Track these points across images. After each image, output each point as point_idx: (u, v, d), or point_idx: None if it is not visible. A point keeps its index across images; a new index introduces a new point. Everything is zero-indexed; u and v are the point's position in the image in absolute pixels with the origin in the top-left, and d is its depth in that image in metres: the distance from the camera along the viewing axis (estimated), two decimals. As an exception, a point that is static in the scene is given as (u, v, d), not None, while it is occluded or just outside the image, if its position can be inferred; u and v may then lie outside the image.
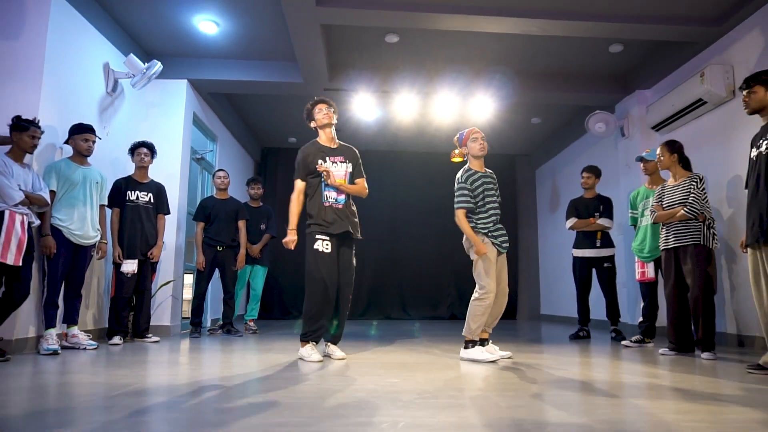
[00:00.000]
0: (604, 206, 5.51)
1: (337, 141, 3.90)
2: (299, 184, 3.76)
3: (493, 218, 3.79)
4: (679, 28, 4.84)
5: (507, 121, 7.66)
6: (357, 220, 3.90)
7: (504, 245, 3.81)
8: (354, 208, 3.91)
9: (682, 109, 5.22)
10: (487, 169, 3.94)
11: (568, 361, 3.67)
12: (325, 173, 3.68)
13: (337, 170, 3.74)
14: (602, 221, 5.42)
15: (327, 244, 3.64)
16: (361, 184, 3.90)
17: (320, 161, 3.71)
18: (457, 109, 6.70)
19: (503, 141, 8.82)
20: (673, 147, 4.18)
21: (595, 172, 5.67)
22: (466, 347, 3.69)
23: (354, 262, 3.84)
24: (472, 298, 3.69)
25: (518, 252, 9.84)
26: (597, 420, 1.92)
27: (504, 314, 9.31)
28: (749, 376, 3.02)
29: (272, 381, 2.73)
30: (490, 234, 3.74)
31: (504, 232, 3.86)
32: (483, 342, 3.76)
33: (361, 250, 9.14)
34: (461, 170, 3.86)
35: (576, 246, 5.60)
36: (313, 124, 3.89)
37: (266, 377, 2.85)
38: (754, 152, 3.16)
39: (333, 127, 3.86)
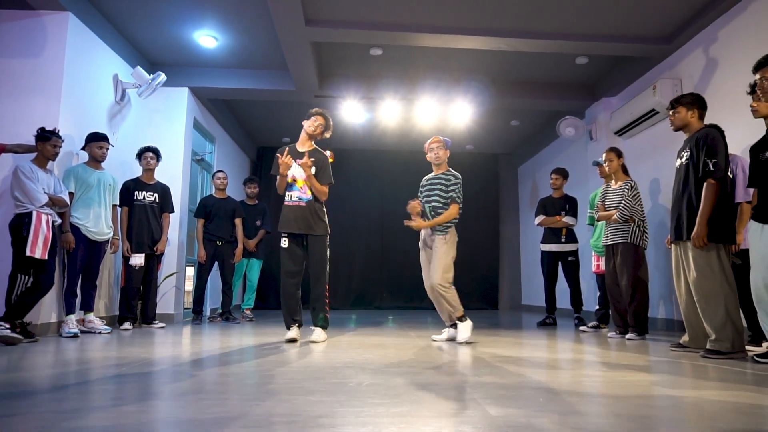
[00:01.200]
0: (569, 205, 6.05)
1: (313, 146, 4.29)
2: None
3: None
4: (634, 45, 5.37)
5: (487, 123, 8.20)
6: (321, 216, 4.19)
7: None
8: (321, 207, 4.20)
9: (639, 118, 5.76)
10: (446, 172, 4.29)
11: (523, 343, 4.22)
12: (282, 165, 4.01)
13: (300, 171, 4.10)
14: (567, 219, 5.97)
15: (285, 241, 4.14)
16: (322, 188, 4.17)
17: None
18: (438, 114, 7.23)
19: (486, 141, 9.35)
20: (620, 152, 4.74)
21: (562, 173, 6.22)
22: (462, 321, 4.07)
23: (324, 255, 4.17)
24: (444, 289, 4.05)
25: (500, 245, 10.40)
26: (516, 381, 2.46)
27: (487, 304, 9.96)
28: (670, 353, 3.58)
29: (263, 356, 3.27)
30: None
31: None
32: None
33: (350, 242, 9.80)
34: (451, 171, 4.30)
35: (543, 241, 6.16)
36: (303, 124, 4.31)
37: (258, 353, 3.39)
38: (678, 162, 3.69)
39: (310, 137, 4.27)
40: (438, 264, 4.05)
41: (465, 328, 4.04)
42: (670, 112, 3.73)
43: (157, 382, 2.37)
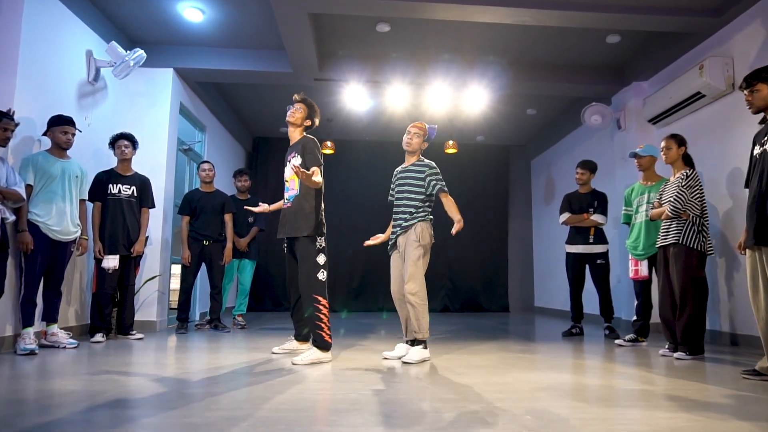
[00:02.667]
0: (598, 202, 5.40)
1: (303, 133, 3.81)
2: None
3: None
4: (677, 18, 4.70)
5: (501, 112, 7.52)
6: (306, 212, 3.56)
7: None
8: (309, 203, 3.58)
9: (680, 102, 5.10)
10: (419, 162, 3.84)
11: (553, 363, 3.58)
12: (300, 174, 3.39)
13: (288, 169, 3.70)
14: (596, 217, 5.32)
15: (285, 245, 3.77)
16: (310, 174, 3.44)
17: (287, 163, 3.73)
18: (450, 100, 6.56)
19: (498, 131, 8.69)
20: (682, 140, 4.05)
21: (590, 167, 5.56)
22: (419, 344, 3.60)
23: (311, 261, 3.53)
24: (416, 300, 3.55)
25: (510, 243, 9.74)
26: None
27: (497, 307, 9.33)
28: (743, 381, 2.95)
29: (252, 382, 2.63)
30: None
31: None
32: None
33: (353, 240, 9.13)
34: (423, 161, 3.84)
35: (569, 242, 5.50)
36: None
37: (246, 379, 2.75)
38: (758, 150, 3.04)
39: (295, 127, 3.78)
40: (409, 268, 3.57)
41: (420, 353, 3.54)
42: (746, 92, 3.07)
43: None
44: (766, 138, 2.97)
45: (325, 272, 3.55)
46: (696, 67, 4.79)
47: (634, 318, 4.67)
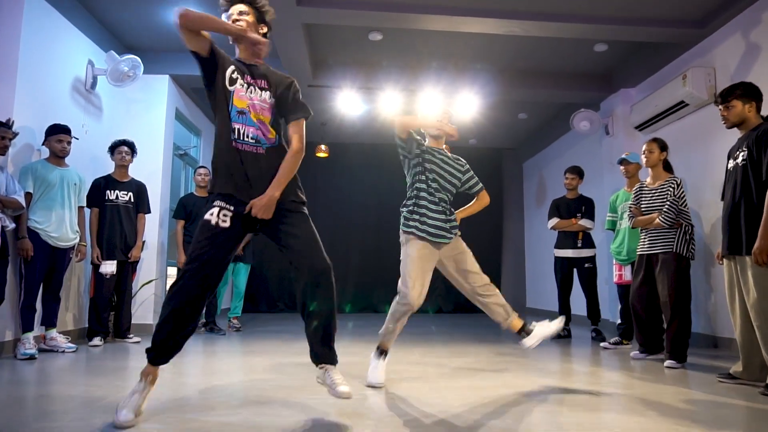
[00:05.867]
0: (585, 207, 5.52)
1: (262, 62, 2.53)
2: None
3: (433, 203, 3.12)
4: (661, 29, 4.83)
5: (493, 117, 7.63)
6: (295, 175, 2.44)
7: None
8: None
9: (665, 110, 5.23)
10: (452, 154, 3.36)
11: (538, 367, 3.70)
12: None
13: (253, 98, 2.37)
14: (583, 222, 5.44)
15: (230, 213, 2.27)
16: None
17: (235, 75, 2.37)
18: (442, 106, 6.66)
19: (490, 135, 8.80)
20: (665, 145, 4.09)
21: (578, 172, 5.68)
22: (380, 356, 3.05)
23: (313, 232, 2.37)
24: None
25: (503, 244, 9.89)
26: (560, 443, 1.94)
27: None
28: (719, 384, 3.08)
29: (248, 401, 2.74)
30: (419, 223, 3.05)
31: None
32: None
33: (347, 241, 9.25)
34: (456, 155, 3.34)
35: (557, 246, 5.63)
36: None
37: (242, 395, 2.86)
38: (731, 163, 3.17)
39: (252, 43, 2.43)
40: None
41: (379, 369, 3.00)
42: (721, 107, 3.19)
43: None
44: (738, 152, 3.09)
45: None
46: (680, 77, 4.92)
47: (619, 321, 4.80)
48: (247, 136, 2.31)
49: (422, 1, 4.54)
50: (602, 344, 4.77)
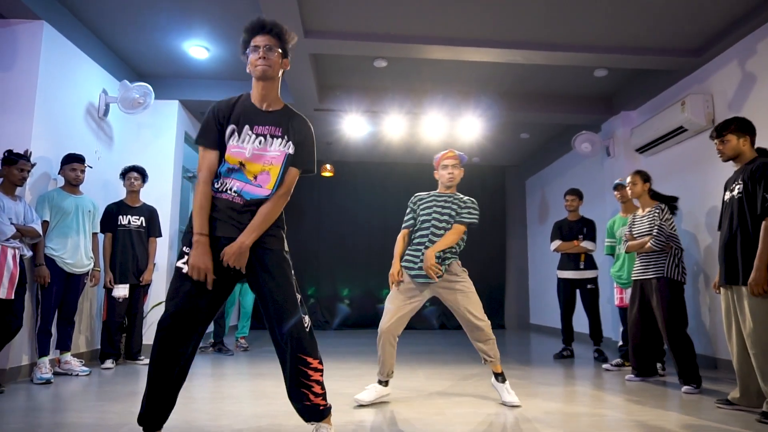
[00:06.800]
0: (587, 229, 5.62)
1: (279, 101, 2.38)
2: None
3: (418, 243, 3.39)
4: (659, 58, 4.95)
5: (496, 136, 7.78)
6: (279, 225, 2.33)
7: (420, 277, 3.31)
8: (280, 215, 2.34)
9: (664, 135, 5.34)
10: (456, 193, 3.51)
11: (540, 390, 3.78)
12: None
13: (263, 151, 2.26)
14: (585, 244, 5.54)
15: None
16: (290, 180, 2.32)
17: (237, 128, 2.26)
18: (445, 129, 6.81)
19: (493, 153, 8.93)
20: (647, 176, 4.28)
21: (578, 194, 5.79)
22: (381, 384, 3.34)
23: (289, 276, 2.27)
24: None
25: (507, 261, 9.98)
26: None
27: (493, 324, 9.52)
28: (717, 410, 3.16)
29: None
30: (405, 261, 3.42)
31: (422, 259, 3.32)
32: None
33: (351, 259, 9.36)
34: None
35: (560, 267, 5.72)
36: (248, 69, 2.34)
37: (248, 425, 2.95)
38: (728, 195, 3.27)
39: (274, 80, 2.32)
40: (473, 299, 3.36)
41: (370, 390, 3.30)
42: (717, 141, 3.30)
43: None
44: (734, 185, 3.19)
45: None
46: (678, 103, 5.03)
47: (620, 344, 4.88)
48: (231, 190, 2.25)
49: (425, 32, 4.67)
50: (604, 366, 4.85)
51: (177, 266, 2.20)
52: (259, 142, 2.26)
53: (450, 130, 6.81)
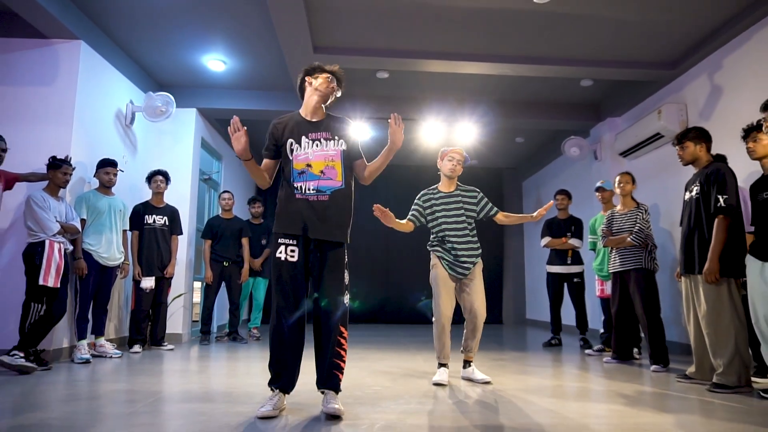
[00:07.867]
0: (575, 227, 6.08)
1: (325, 113, 2.96)
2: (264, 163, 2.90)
3: (441, 236, 3.73)
4: (638, 70, 5.41)
5: (492, 141, 8.25)
6: (350, 217, 2.92)
7: (455, 269, 3.69)
8: (350, 202, 2.91)
9: (644, 140, 5.79)
10: (461, 189, 3.83)
11: (529, 370, 4.25)
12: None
13: (319, 152, 2.78)
14: (573, 241, 6.00)
15: (290, 245, 2.75)
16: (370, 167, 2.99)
17: (295, 140, 2.79)
18: (443, 134, 7.28)
19: (490, 156, 9.39)
20: (634, 178, 4.77)
21: (568, 194, 6.26)
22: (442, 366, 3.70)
23: (342, 272, 2.86)
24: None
25: (504, 259, 10.44)
26: (524, 423, 2.50)
27: (490, 319, 9.98)
28: (676, 384, 3.61)
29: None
30: (436, 252, 3.77)
31: (461, 256, 3.66)
32: (466, 363, 3.81)
33: (356, 259, 9.80)
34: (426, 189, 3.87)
35: (549, 262, 6.18)
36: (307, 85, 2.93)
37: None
38: (687, 195, 3.73)
39: (324, 102, 2.91)
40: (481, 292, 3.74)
41: (439, 373, 3.65)
42: (677, 147, 3.76)
43: (169, 424, 2.42)
44: (693, 186, 3.65)
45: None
46: (656, 111, 5.49)
47: (601, 331, 5.35)
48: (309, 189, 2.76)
49: (423, 48, 5.16)
50: (586, 351, 5.31)
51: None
52: (316, 145, 2.80)
53: (448, 135, 7.28)
